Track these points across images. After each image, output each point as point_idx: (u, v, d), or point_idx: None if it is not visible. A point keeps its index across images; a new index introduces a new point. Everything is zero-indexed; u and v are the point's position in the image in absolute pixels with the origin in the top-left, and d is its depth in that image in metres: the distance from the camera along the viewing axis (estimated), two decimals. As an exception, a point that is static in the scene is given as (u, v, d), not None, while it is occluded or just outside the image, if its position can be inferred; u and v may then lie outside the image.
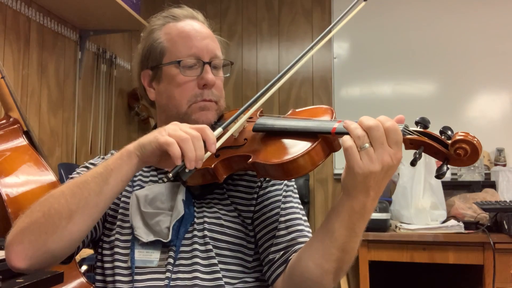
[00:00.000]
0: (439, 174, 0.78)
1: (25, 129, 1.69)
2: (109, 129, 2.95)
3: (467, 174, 2.74)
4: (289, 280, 0.94)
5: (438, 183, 2.37)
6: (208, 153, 0.83)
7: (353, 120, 0.82)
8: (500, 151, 2.85)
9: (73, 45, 2.64)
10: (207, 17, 1.13)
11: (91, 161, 1.11)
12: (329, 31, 1.02)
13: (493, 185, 2.64)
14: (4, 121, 1.67)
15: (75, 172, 1.08)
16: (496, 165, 2.83)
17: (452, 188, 2.62)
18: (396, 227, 2.31)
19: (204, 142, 0.82)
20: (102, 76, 2.88)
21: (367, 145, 0.77)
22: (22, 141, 1.63)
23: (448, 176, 2.76)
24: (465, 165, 0.80)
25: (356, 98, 3.23)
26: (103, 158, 1.12)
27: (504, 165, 2.83)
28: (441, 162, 0.80)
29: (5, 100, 1.70)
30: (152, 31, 1.08)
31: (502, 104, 2.97)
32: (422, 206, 2.31)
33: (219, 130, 0.88)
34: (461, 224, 2.23)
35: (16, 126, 1.66)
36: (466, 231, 2.21)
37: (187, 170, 0.80)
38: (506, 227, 2.15)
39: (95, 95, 2.83)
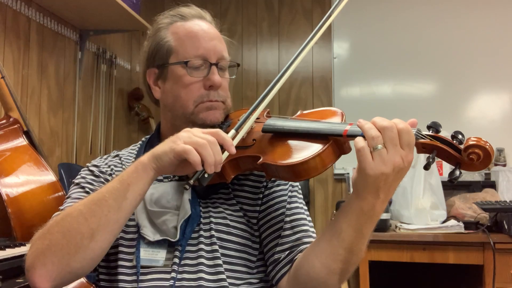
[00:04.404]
0: (452, 179, 0.79)
1: (25, 129, 1.69)
2: (109, 129, 2.95)
3: (467, 174, 2.73)
4: (294, 280, 0.94)
5: (438, 183, 2.36)
6: (226, 154, 0.85)
7: (366, 120, 0.81)
8: (500, 151, 2.85)
9: (73, 45, 2.64)
10: (207, 17, 1.13)
11: (94, 162, 1.10)
12: (330, 15, 1.01)
13: (493, 185, 2.63)
14: (4, 121, 1.68)
15: (79, 176, 1.07)
16: (496, 165, 2.83)
17: (452, 188, 2.61)
18: (396, 227, 2.31)
19: (221, 145, 0.84)
20: (102, 76, 2.88)
21: (380, 146, 0.77)
22: (22, 141, 1.64)
23: (447, 176, 2.76)
24: (477, 169, 0.80)
25: (356, 98, 3.23)
26: (105, 159, 1.11)
27: (504, 165, 2.83)
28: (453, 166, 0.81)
29: (5, 100, 1.70)
30: (159, 30, 1.07)
31: (502, 104, 2.97)
32: (422, 206, 2.31)
33: (233, 131, 0.90)
34: (461, 224, 2.23)
35: (16, 126, 1.66)
36: (466, 231, 2.21)
37: (206, 175, 0.82)
38: (506, 227, 2.15)
39: (95, 95, 2.83)
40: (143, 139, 1.16)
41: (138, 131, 3.31)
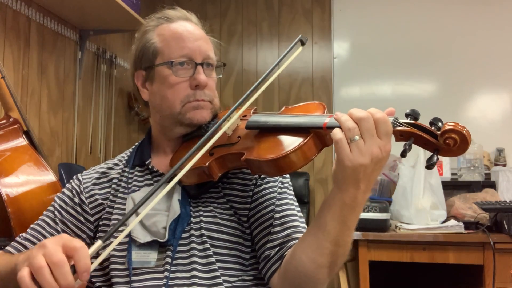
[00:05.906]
0: (429, 165, 0.79)
1: (25, 129, 1.69)
2: (109, 129, 2.95)
3: (467, 174, 2.73)
4: (284, 276, 0.94)
5: (438, 183, 2.36)
6: (79, 282, 0.70)
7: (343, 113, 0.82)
8: (500, 151, 2.85)
9: (73, 45, 2.64)
10: (207, 17, 1.14)
11: (81, 176, 1.12)
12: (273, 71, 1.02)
13: (493, 185, 2.63)
14: (4, 121, 1.67)
15: (64, 189, 1.11)
16: (496, 165, 2.83)
17: (452, 188, 2.62)
18: (396, 227, 2.31)
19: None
20: (102, 76, 2.88)
21: (357, 137, 0.78)
22: (22, 141, 1.63)
23: (448, 176, 2.76)
24: (455, 155, 0.80)
25: (356, 98, 3.23)
26: (93, 170, 1.13)
27: (504, 165, 2.82)
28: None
29: (5, 100, 1.70)
30: (145, 32, 1.09)
31: (502, 104, 2.97)
32: (422, 206, 2.31)
33: (99, 243, 0.74)
34: (461, 224, 2.22)
35: (16, 126, 1.66)
36: (466, 231, 2.20)
37: None
38: (506, 227, 2.15)
39: (95, 95, 2.83)
40: (136, 143, 1.17)
41: (138, 131, 3.32)
